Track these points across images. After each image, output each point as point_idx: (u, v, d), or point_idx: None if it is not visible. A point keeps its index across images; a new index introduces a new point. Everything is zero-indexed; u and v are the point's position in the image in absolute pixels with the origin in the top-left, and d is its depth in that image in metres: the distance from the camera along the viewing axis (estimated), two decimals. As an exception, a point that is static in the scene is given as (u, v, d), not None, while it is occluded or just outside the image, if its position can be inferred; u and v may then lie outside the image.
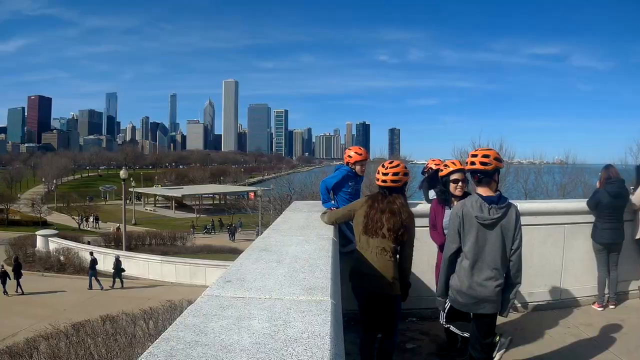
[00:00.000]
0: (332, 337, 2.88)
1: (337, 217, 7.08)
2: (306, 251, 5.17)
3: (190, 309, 3.31)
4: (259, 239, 6.07)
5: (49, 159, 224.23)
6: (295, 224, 7.38)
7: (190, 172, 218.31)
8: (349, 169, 8.74)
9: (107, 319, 18.14)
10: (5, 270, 36.72)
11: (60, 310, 29.09)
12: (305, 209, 9.35)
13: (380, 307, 6.43)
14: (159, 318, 17.34)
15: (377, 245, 6.23)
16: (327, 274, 4.19)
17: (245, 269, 4.35)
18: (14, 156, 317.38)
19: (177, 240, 64.68)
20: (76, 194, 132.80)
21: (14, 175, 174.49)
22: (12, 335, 24.14)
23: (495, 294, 5.99)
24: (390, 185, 6.38)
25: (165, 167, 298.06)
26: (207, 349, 2.68)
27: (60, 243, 49.66)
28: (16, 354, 14.33)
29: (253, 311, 3.26)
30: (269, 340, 2.80)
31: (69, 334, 16.09)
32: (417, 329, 9.01)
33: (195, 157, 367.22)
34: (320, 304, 3.45)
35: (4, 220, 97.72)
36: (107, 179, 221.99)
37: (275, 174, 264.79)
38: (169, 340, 2.81)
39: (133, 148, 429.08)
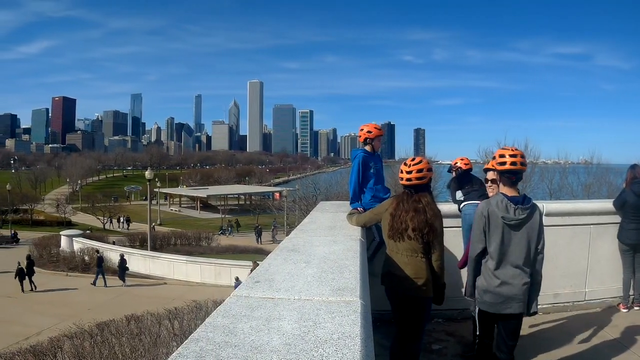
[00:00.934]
0: (363, 338, 2.85)
1: (365, 221, 7.02)
2: (334, 252, 5.14)
3: (219, 309, 3.30)
4: (286, 239, 6.04)
5: (73, 159, 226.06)
6: (322, 225, 7.35)
7: (215, 173, 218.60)
8: (362, 151, 8.67)
9: (132, 319, 18.19)
10: (23, 267, 37.74)
11: (84, 310, 29.22)
12: (332, 209, 9.33)
13: (412, 310, 6.34)
14: (184, 318, 17.37)
15: (406, 248, 6.14)
16: (356, 275, 4.16)
17: (273, 269, 4.33)
18: (38, 157, 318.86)
19: (202, 241, 64.71)
20: (101, 194, 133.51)
21: (38, 175, 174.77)
22: (36, 334, 24.33)
23: (522, 292, 5.96)
24: (416, 184, 6.28)
25: (190, 167, 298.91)
26: (236, 350, 2.67)
27: (84, 243, 49.82)
28: (40, 353, 14.36)
29: (282, 312, 3.24)
30: (299, 341, 2.78)
31: (94, 334, 16.13)
32: (443, 330, 8.94)
33: (220, 158, 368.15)
34: (350, 304, 3.43)
35: (28, 221, 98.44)
36: (132, 179, 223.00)
37: (301, 174, 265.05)
38: (198, 341, 2.80)
39: (158, 149, 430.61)
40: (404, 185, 6.41)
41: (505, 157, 5.99)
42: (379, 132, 8.76)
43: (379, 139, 8.77)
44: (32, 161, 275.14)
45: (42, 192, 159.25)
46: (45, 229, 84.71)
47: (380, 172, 8.85)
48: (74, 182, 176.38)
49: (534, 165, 51.65)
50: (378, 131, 8.76)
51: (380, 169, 8.86)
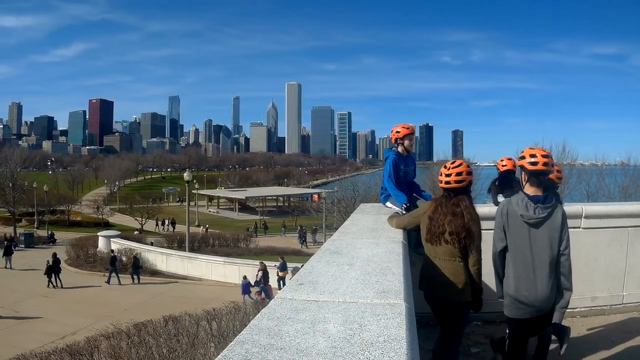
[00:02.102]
0: (409, 341, 2.83)
1: (405, 224, 6.93)
2: (377, 254, 5.11)
3: (263, 312, 3.29)
4: (328, 241, 6.02)
5: (111, 161, 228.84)
6: (364, 227, 7.31)
7: (253, 174, 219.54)
8: (393, 152, 8.65)
9: (170, 319, 18.26)
10: (51, 265, 39.62)
11: (121, 310, 29.52)
12: (373, 211, 9.29)
13: (450, 314, 6.29)
14: (222, 319, 17.35)
15: (444, 252, 6.08)
16: (400, 277, 4.14)
17: (317, 271, 4.32)
18: (75, 158, 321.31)
19: (240, 242, 64.92)
20: (139, 195, 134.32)
21: (75, 177, 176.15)
22: (72, 333, 24.57)
23: (543, 296, 5.90)
24: (455, 187, 6.22)
25: (228, 169, 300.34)
26: (282, 353, 2.66)
27: (122, 244, 50.35)
28: (76, 353, 14.41)
29: (327, 314, 3.22)
30: (345, 344, 2.76)
31: (131, 334, 16.17)
32: (481, 333, 8.91)
33: (258, 160, 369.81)
34: (395, 307, 3.40)
35: (65, 221, 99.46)
36: (170, 181, 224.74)
37: (339, 176, 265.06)
38: (244, 343, 2.79)
39: (196, 150, 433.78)
40: (443, 189, 6.36)
41: (538, 157, 5.92)
42: (407, 131, 8.69)
43: (409, 138, 8.69)
44: (69, 163, 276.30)
45: (80, 193, 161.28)
46: (82, 230, 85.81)
47: (410, 174, 8.86)
48: (111, 184, 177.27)
49: (571, 167, 51.30)
50: (406, 130, 8.70)
51: (411, 171, 8.86)
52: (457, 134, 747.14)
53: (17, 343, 23.37)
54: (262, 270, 36.13)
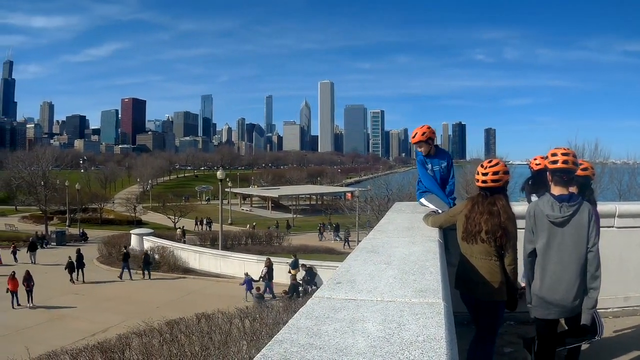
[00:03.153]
0: (448, 341, 2.80)
1: (441, 223, 6.94)
2: (414, 253, 5.09)
3: (302, 311, 3.28)
4: (365, 240, 6.02)
5: (144, 159, 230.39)
6: (400, 225, 7.29)
7: (286, 173, 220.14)
8: (420, 153, 8.84)
9: (203, 317, 18.32)
10: (72, 261, 41.69)
11: (152, 308, 29.67)
12: (408, 210, 9.28)
13: (485, 313, 6.27)
14: (256, 317, 17.40)
15: (480, 251, 6.07)
16: (438, 276, 4.11)
17: (354, 270, 4.30)
18: (108, 157, 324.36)
19: (274, 240, 65.03)
20: (172, 194, 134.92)
21: (107, 175, 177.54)
22: (103, 330, 24.91)
23: (570, 296, 5.88)
24: (491, 186, 6.19)
25: (261, 167, 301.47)
26: (322, 352, 2.64)
27: (155, 242, 50.77)
28: (108, 350, 14.45)
29: (366, 313, 3.20)
30: (385, 343, 2.73)
31: (163, 332, 16.24)
32: (514, 333, 8.85)
33: (291, 158, 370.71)
34: (433, 306, 3.37)
35: (97, 219, 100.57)
36: (203, 179, 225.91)
37: (372, 174, 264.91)
38: (282, 342, 2.79)
39: (229, 149, 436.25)
40: (479, 187, 6.34)
41: (557, 156, 5.95)
42: (413, 140, 8.86)
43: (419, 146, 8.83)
44: (101, 161, 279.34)
45: (112, 191, 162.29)
46: (114, 228, 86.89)
47: (441, 172, 8.88)
48: (144, 182, 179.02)
49: (603, 166, 50.95)
50: (413, 139, 8.87)
51: (441, 169, 8.88)
52: (490, 133, 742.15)
53: (47, 340, 23.72)
54: (267, 266, 36.65)
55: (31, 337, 25.62)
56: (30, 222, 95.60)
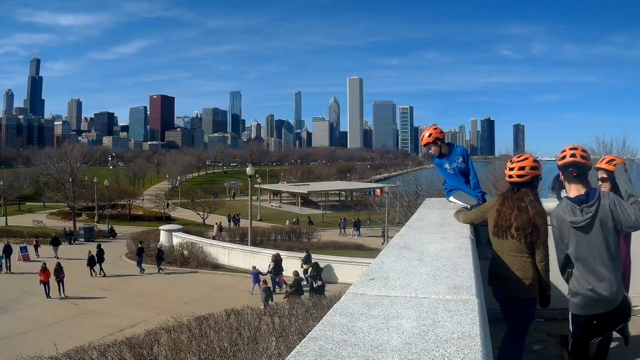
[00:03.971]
0: (482, 338, 2.79)
1: (472, 219, 6.92)
2: (446, 249, 5.08)
3: (336, 307, 3.29)
4: (396, 236, 6.01)
5: (172, 156, 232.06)
6: (431, 222, 7.29)
7: (316, 169, 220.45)
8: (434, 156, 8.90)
9: (232, 313, 18.35)
10: (93, 255, 43.09)
11: (181, 303, 29.96)
12: (439, 206, 9.28)
13: (516, 310, 6.23)
14: (285, 314, 17.40)
15: (511, 247, 6.03)
16: (470, 273, 4.10)
17: (387, 266, 4.30)
18: (136, 154, 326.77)
19: (302, 236, 65.05)
20: (201, 190, 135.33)
21: (136, 172, 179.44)
22: (131, 326, 25.05)
23: (609, 293, 5.79)
24: (517, 181, 6.18)
25: (290, 163, 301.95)
26: (357, 349, 2.64)
27: (184, 238, 50.94)
28: (136, 346, 14.47)
29: (400, 310, 3.20)
30: (420, 340, 2.73)
31: (192, 327, 16.25)
32: (544, 330, 8.79)
33: (320, 154, 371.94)
34: (467, 303, 3.37)
35: (126, 216, 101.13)
36: (232, 175, 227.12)
37: (402, 170, 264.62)
38: (317, 339, 2.79)
39: (258, 145, 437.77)
40: (509, 182, 6.35)
41: (565, 152, 5.96)
42: (422, 142, 9.05)
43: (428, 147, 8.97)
44: (130, 158, 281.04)
45: (141, 188, 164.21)
46: (143, 224, 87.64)
47: (460, 168, 8.90)
48: (173, 178, 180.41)
49: (631, 163, 50.51)
50: (422, 141, 9.07)
51: (456, 166, 8.89)
52: (519, 128, 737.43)
53: (75, 335, 23.97)
54: (274, 261, 37.04)
55: (59, 332, 25.80)
56: (58, 219, 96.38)
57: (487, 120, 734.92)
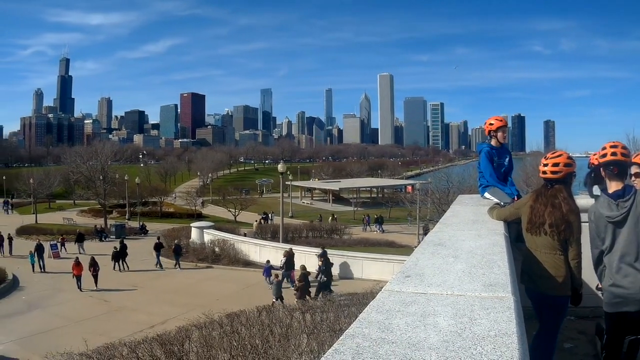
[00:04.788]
0: (519, 336, 2.78)
1: (506, 216, 6.90)
2: (481, 246, 5.07)
3: (372, 304, 3.28)
4: (431, 233, 6.02)
5: (204, 153, 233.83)
6: (465, 218, 7.29)
7: (347, 166, 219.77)
8: (487, 145, 8.84)
9: (264, 310, 18.38)
10: (117, 250, 45.02)
11: (212, 300, 29.97)
12: (472, 202, 9.25)
13: (549, 308, 6.21)
14: (317, 311, 17.39)
15: (544, 245, 6.02)
16: (506, 270, 4.08)
17: (422, 263, 4.29)
18: (167, 151, 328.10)
19: (334, 233, 64.96)
20: (232, 187, 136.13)
21: (167, 169, 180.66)
22: (161, 323, 25.14)
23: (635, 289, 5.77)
24: (550, 177, 6.18)
25: (321, 160, 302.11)
26: (394, 347, 2.63)
27: (215, 235, 50.94)
28: (167, 342, 14.48)
29: (437, 307, 3.19)
30: (457, 338, 2.73)
31: (223, 324, 16.27)
32: (574, 328, 8.78)
33: (351, 151, 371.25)
34: (503, 300, 3.35)
35: (157, 213, 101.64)
36: (264, 172, 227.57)
37: (433, 167, 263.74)
38: (354, 337, 2.79)
39: (289, 142, 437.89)
40: (542, 179, 6.34)
41: (606, 149, 5.99)
42: (500, 123, 8.85)
43: (502, 131, 8.85)
44: (161, 155, 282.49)
45: (172, 185, 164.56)
46: (174, 221, 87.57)
47: (504, 166, 8.95)
48: (204, 176, 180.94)
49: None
50: (499, 122, 8.86)
51: (504, 163, 8.94)
52: (549, 125, 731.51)
53: (106, 332, 24.07)
54: (286, 256, 37.05)
55: (90, 328, 25.97)
56: (89, 216, 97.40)
57: (518, 116, 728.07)
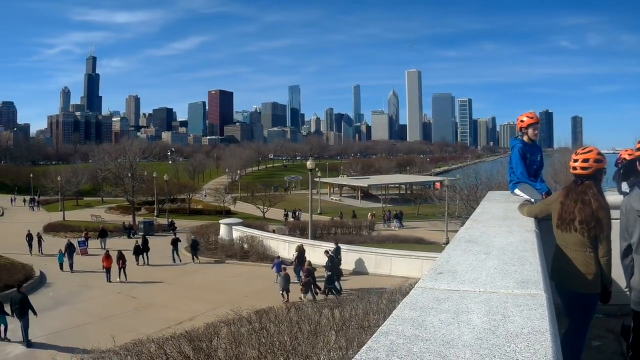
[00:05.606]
0: (552, 334, 2.77)
1: (536, 212, 6.91)
2: (512, 243, 5.07)
3: (405, 301, 3.29)
4: (462, 229, 6.01)
5: (232, 150, 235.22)
6: (495, 215, 7.30)
7: (375, 162, 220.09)
8: (519, 141, 8.88)
9: (292, 306, 18.40)
10: (139, 245, 46.64)
11: (240, 297, 29.93)
12: (502, 199, 9.24)
13: (578, 305, 6.18)
14: (346, 307, 17.39)
15: (574, 242, 5.99)
16: (537, 267, 4.07)
17: (454, 260, 4.30)
18: (196, 148, 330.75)
19: (363, 230, 64.89)
20: (260, 184, 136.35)
21: (196, 166, 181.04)
22: (190, 319, 25.21)
23: None
24: (581, 173, 6.13)
25: (350, 157, 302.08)
26: (428, 344, 2.64)
27: (244, 231, 51.06)
28: (195, 339, 14.48)
29: (470, 305, 3.20)
30: (490, 335, 2.73)
31: (252, 320, 16.34)
32: (603, 326, 8.65)
33: (380, 148, 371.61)
34: (535, 297, 3.35)
35: (185, 210, 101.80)
36: (292, 169, 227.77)
37: (461, 163, 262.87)
38: (388, 334, 2.79)
39: (318, 139, 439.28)
40: (572, 174, 6.30)
41: None
42: (531, 120, 8.88)
43: (533, 127, 8.88)
44: (189, 153, 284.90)
45: (201, 182, 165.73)
46: (203, 218, 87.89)
47: (535, 163, 9.00)
48: (233, 172, 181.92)
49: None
50: (530, 119, 8.89)
51: (535, 160, 9.00)
52: (577, 121, 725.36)
53: (134, 328, 24.21)
54: (298, 252, 37.61)
55: (117, 324, 26.10)
56: (117, 213, 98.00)
57: (546, 112, 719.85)
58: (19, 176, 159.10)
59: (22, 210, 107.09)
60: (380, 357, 2.53)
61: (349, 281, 34.87)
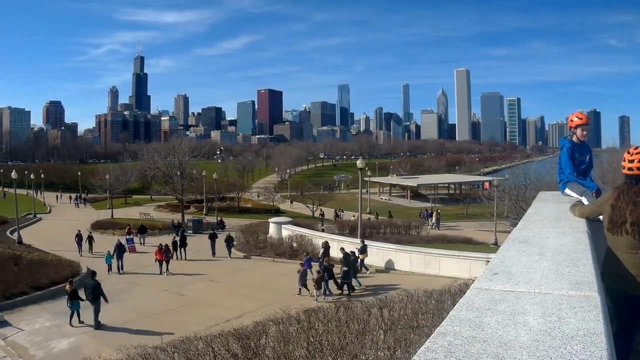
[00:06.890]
0: (607, 336, 2.78)
1: (588, 213, 6.76)
2: (565, 244, 5.04)
3: (461, 302, 3.31)
4: (515, 230, 5.99)
5: (281, 149, 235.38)
6: (547, 215, 7.22)
7: (425, 162, 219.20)
8: (568, 141, 8.81)
9: (342, 306, 18.40)
10: (177, 240, 49.20)
11: (289, 295, 30.29)
12: (553, 199, 9.15)
13: (628, 309, 6.03)
14: (395, 307, 17.32)
15: (626, 244, 5.80)
16: (591, 269, 4.06)
17: (508, 261, 4.31)
18: (245, 147, 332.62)
19: (412, 229, 64.57)
20: (310, 183, 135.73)
21: (245, 165, 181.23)
22: (237, 317, 25.13)
23: None
24: (636, 174, 5.94)
25: (399, 156, 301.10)
26: (485, 346, 2.66)
27: (293, 230, 51.12)
28: (244, 337, 14.50)
29: (525, 306, 3.20)
30: (546, 337, 2.74)
31: (301, 319, 16.33)
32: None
33: (429, 147, 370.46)
34: (589, 299, 3.34)
35: (235, 208, 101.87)
36: (342, 168, 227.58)
37: (510, 163, 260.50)
38: (445, 335, 2.82)
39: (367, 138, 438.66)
40: (625, 175, 6.14)
41: None
42: (579, 121, 8.81)
43: (582, 128, 8.82)
44: (238, 151, 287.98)
45: (250, 181, 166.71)
46: (252, 216, 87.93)
47: (584, 163, 8.91)
48: (282, 171, 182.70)
49: None
50: (578, 120, 8.83)
51: (584, 160, 8.91)
52: (624, 120, 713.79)
53: (180, 325, 24.44)
54: (324, 247, 39.29)
55: (164, 321, 26.46)
56: (166, 211, 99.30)
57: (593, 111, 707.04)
58: (66, 174, 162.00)
59: (68, 207, 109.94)
60: (438, 358, 2.56)
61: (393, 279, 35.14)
